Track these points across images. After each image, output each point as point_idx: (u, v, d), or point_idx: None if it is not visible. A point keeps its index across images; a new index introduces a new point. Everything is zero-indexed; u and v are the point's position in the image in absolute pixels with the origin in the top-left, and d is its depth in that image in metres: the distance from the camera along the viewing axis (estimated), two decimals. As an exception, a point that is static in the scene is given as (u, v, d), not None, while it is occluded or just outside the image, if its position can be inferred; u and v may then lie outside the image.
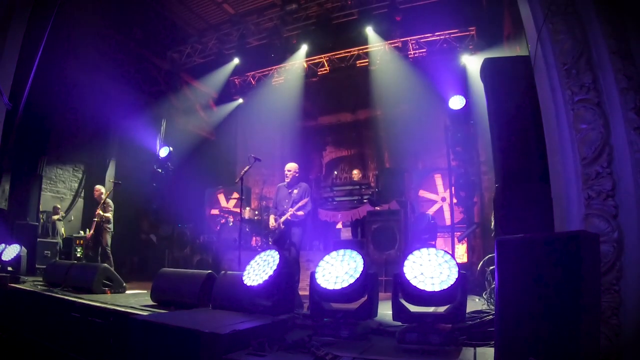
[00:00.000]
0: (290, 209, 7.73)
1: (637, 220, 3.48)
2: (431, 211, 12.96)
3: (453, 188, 11.72)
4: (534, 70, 4.55)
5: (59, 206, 13.21)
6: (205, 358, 3.73)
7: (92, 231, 10.27)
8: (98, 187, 10.85)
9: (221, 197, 15.87)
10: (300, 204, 7.73)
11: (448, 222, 12.15)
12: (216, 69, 15.41)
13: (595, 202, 3.66)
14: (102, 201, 10.39)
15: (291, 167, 8.09)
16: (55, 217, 12.90)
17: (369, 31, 13.24)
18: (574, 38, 4.01)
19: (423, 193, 13.69)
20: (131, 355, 4.52)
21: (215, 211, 15.27)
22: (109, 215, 10.42)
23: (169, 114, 15.13)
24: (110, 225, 10.43)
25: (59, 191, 13.88)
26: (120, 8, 13.21)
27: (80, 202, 14.43)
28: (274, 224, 7.91)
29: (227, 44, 14.60)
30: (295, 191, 7.96)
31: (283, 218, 7.77)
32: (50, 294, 7.15)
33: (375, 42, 13.79)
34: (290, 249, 7.74)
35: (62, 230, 12.87)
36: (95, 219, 10.22)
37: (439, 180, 13.52)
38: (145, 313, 5.55)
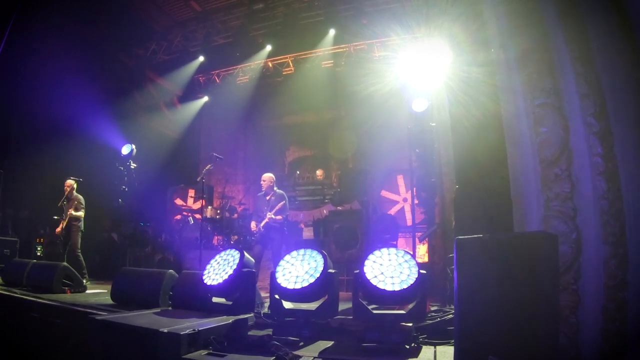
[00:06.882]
0: (269, 212, 8.24)
1: (594, 222, 3.53)
2: (393, 211, 13.03)
3: (414, 189, 11.81)
4: (496, 74, 4.59)
5: None
6: (164, 358, 3.69)
7: (60, 228, 9.48)
8: (68, 181, 9.97)
9: (183, 196, 15.67)
10: (277, 207, 8.27)
11: (410, 222, 12.23)
12: (181, 67, 15.16)
13: (554, 204, 3.70)
14: (65, 196, 9.70)
15: (266, 177, 8.63)
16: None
17: (335, 32, 13.25)
18: (537, 43, 4.04)
19: (385, 193, 13.76)
20: (91, 355, 4.45)
21: (179, 201, 15.13)
22: (80, 213, 9.62)
23: (133, 111, 14.85)
24: (80, 224, 9.60)
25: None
26: (85, 1, 12.93)
27: (42, 199, 14.08)
28: (255, 227, 8.40)
29: (192, 42, 14.46)
30: (273, 198, 8.48)
31: (263, 222, 8.25)
32: (8, 293, 7.00)
33: (340, 43, 13.80)
34: (254, 247, 8.28)
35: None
36: (64, 216, 9.50)
37: (401, 181, 13.62)
38: (105, 313, 5.46)
